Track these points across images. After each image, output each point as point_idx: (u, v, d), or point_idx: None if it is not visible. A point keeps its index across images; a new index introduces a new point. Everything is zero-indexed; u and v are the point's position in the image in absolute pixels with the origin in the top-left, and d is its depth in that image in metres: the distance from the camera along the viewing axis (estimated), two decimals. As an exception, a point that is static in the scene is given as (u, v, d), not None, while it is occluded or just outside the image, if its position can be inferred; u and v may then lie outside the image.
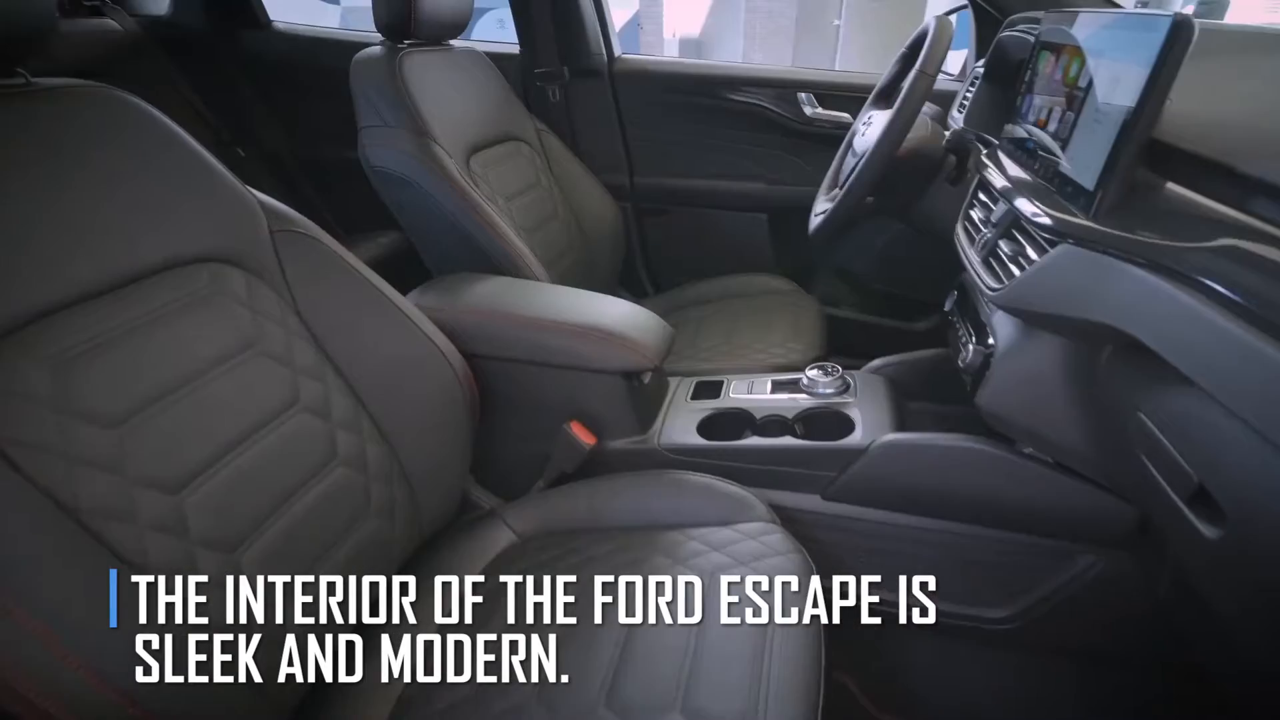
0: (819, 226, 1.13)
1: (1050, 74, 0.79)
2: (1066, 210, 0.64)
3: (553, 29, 1.59)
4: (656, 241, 1.77)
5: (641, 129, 1.68)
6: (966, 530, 0.87)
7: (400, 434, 0.85)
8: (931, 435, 0.87)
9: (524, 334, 0.96)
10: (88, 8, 1.69)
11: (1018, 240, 0.73)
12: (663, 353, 0.98)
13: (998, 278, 0.73)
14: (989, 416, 0.80)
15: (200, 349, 0.70)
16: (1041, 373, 0.72)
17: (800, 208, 1.62)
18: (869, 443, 0.89)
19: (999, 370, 0.76)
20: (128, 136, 0.70)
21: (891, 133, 0.97)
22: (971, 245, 0.84)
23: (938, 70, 0.96)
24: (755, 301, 1.52)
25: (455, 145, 1.21)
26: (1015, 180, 0.77)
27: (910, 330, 1.66)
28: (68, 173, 0.64)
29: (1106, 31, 0.67)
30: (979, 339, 0.83)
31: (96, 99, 0.70)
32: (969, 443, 0.84)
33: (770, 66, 1.61)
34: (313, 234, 0.83)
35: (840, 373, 1.03)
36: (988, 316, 0.82)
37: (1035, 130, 0.80)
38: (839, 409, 0.98)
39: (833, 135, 1.56)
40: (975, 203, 0.90)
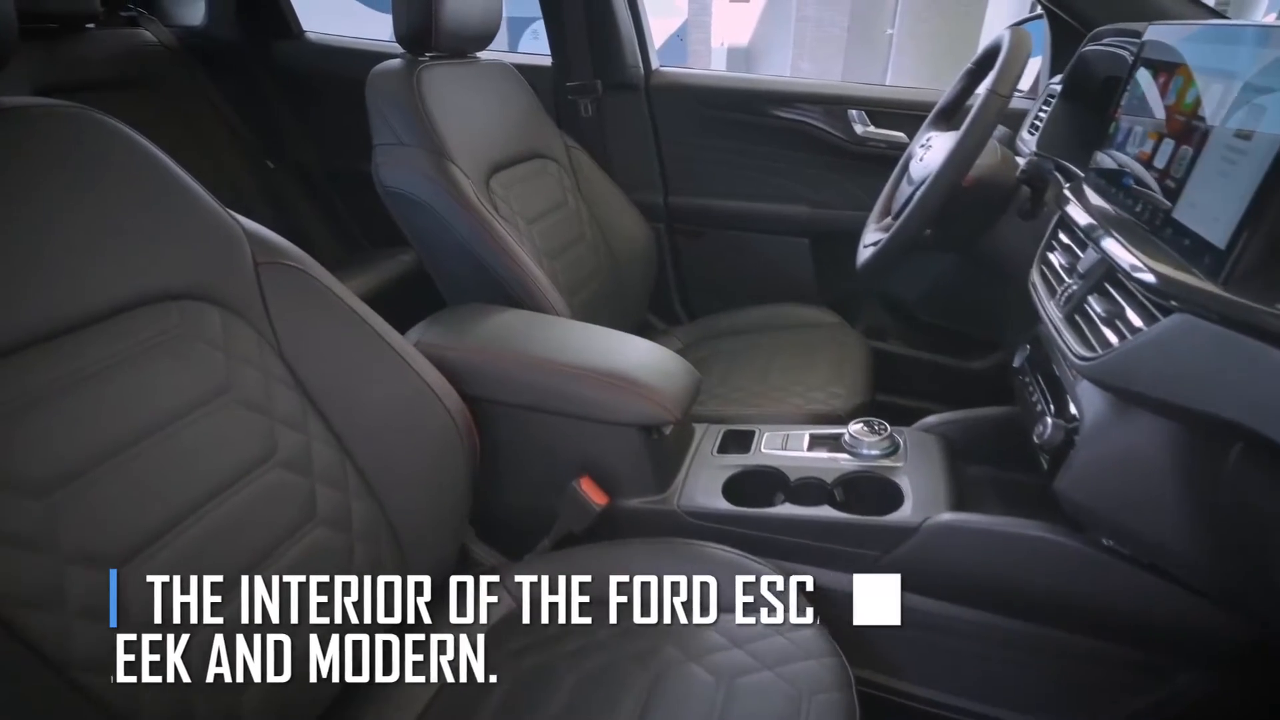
0: (868, 261, 1.01)
1: (1155, 98, 0.66)
2: (1182, 268, 0.52)
3: (586, 40, 1.50)
4: (691, 265, 1.67)
5: (678, 146, 1.58)
6: (1036, 631, 0.74)
7: (390, 488, 0.77)
8: (995, 519, 0.74)
9: (532, 378, 0.87)
10: (123, 18, 1.67)
11: (1113, 298, 0.60)
12: (686, 404, 0.88)
13: (1087, 342, 0.60)
14: (1068, 504, 0.67)
15: (161, 399, 0.62)
16: (1141, 462, 0.59)
17: (846, 233, 1.50)
18: (920, 521, 0.77)
19: (1085, 452, 0.64)
20: (95, 161, 0.63)
21: (956, 160, 0.85)
22: (1051, 297, 0.71)
23: (1013, 91, 0.83)
24: (795, 335, 1.40)
25: (474, 165, 1.13)
26: (1109, 223, 0.64)
27: (965, 369, 1.52)
28: (17, 201, 0.58)
29: (1241, 50, 0.54)
30: (1058, 410, 0.70)
31: (63, 120, 0.64)
32: (1040, 531, 0.71)
33: (818, 81, 1.50)
34: (302, 266, 0.76)
35: (888, 431, 0.90)
36: (1070, 384, 0.69)
37: (1135, 165, 0.67)
38: (886, 474, 0.86)
39: (885, 156, 1.43)
40: (1055, 245, 0.77)
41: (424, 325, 0.97)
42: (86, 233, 0.60)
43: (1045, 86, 1.18)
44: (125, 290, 0.62)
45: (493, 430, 0.90)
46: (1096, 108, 0.98)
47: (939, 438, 0.93)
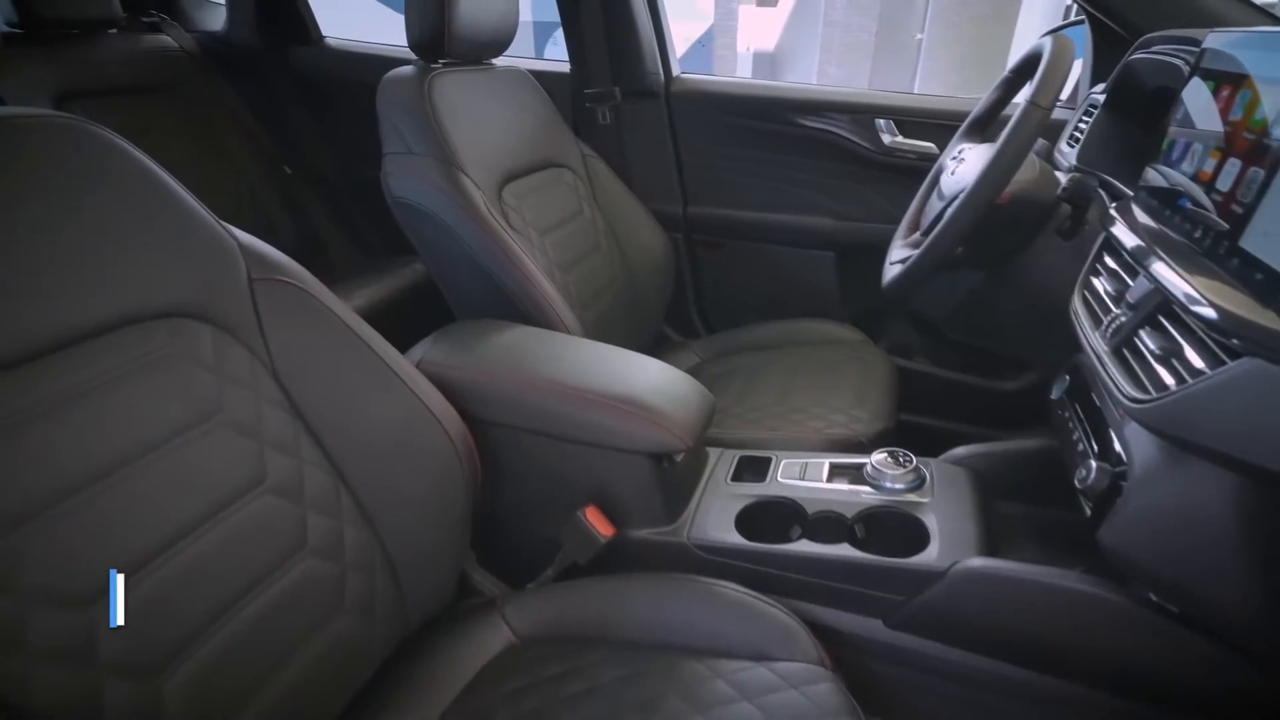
0: (895, 279, 0.96)
1: (1216, 112, 0.60)
2: (1252, 305, 0.46)
3: (605, 46, 1.46)
4: (710, 277, 1.62)
5: (698, 154, 1.54)
6: (1067, 689, 0.68)
7: (385, 514, 0.74)
8: (1029, 568, 0.68)
9: (537, 401, 0.83)
10: (145, 24, 1.68)
11: (1169, 334, 0.54)
12: (699, 431, 0.83)
13: (1138, 381, 0.55)
14: (1113, 557, 0.61)
15: (142, 424, 0.59)
16: (1199, 515, 0.53)
17: (872, 247, 1.44)
18: (948, 565, 0.72)
19: (1135, 502, 0.58)
20: (86, 173, 0.61)
21: (992, 175, 0.79)
22: (1096, 327, 0.65)
23: (1054, 103, 0.77)
24: (816, 352, 1.35)
25: (486, 175, 1.10)
26: (1163, 248, 0.58)
27: (995, 390, 1.45)
28: (1, 213, 0.55)
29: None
30: (1103, 452, 0.64)
31: (56, 131, 0.61)
32: (1080, 584, 0.65)
33: (844, 88, 1.44)
34: (299, 282, 0.73)
35: (913, 463, 0.85)
36: (1117, 424, 0.63)
37: (1193, 185, 0.61)
38: (910, 511, 0.81)
39: (914, 168, 1.37)
40: (1100, 269, 0.71)
41: (429, 342, 0.93)
42: (73, 248, 0.58)
43: (1086, 96, 1.11)
44: (111, 308, 0.59)
45: (496, 454, 0.86)
46: (1144, 120, 0.92)
47: (968, 471, 0.87)
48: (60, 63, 1.44)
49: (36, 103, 1.38)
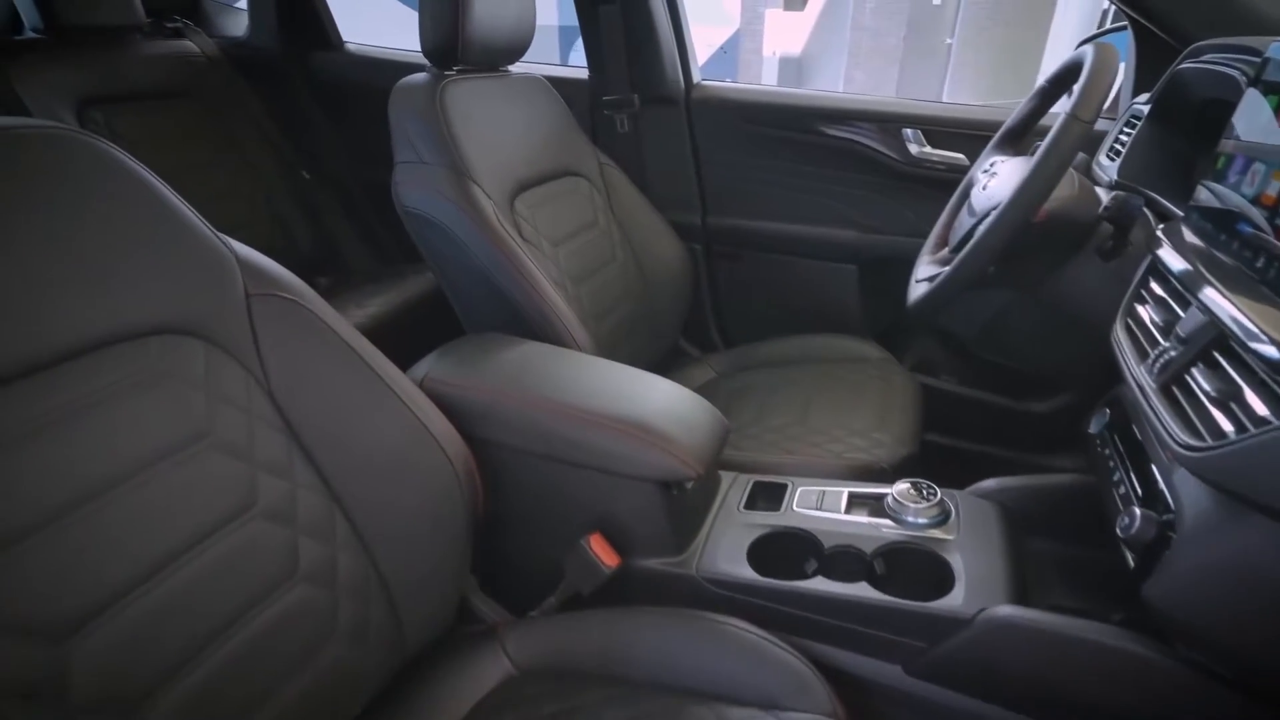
0: (921, 299, 0.91)
1: None
2: None
3: (624, 52, 1.43)
4: (728, 289, 1.58)
5: (718, 164, 1.50)
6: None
7: (381, 539, 0.71)
8: (1065, 621, 0.63)
9: (542, 422, 0.79)
10: (169, 29, 1.69)
11: (1226, 374, 0.49)
12: (711, 458, 0.79)
13: (1191, 426, 0.50)
14: (1160, 615, 0.56)
15: (130, 446, 0.57)
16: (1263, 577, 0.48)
17: (896, 260, 1.39)
18: (974, 612, 0.67)
19: (1185, 556, 0.53)
20: (80, 185, 0.59)
21: (1028, 192, 0.74)
22: (1141, 360, 0.60)
23: (1096, 117, 0.72)
24: (838, 369, 1.30)
25: (498, 185, 1.07)
26: (1218, 276, 0.53)
27: (1025, 412, 1.39)
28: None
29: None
30: (1147, 497, 0.59)
31: (47, 142, 0.59)
32: (1122, 642, 0.60)
33: (870, 97, 1.39)
34: (298, 297, 0.70)
35: (938, 497, 0.80)
36: (1165, 469, 0.58)
37: (1252, 209, 0.56)
38: (934, 548, 0.76)
39: (942, 179, 1.32)
40: (1146, 296, 0.66)
41: (434, 357, 0.91)
42: (62, 262, 0.56)
43: (1128, 106, 1.06)
44: (99, 325, 0.57)
45: (499, 476, 0.83)
46: (1193, 134, 0.86)
47: (996, 506, 0.82)
48: (82, 68, 1.45)
49: (59, 108, 1.39)
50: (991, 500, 0.83)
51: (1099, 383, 1.20)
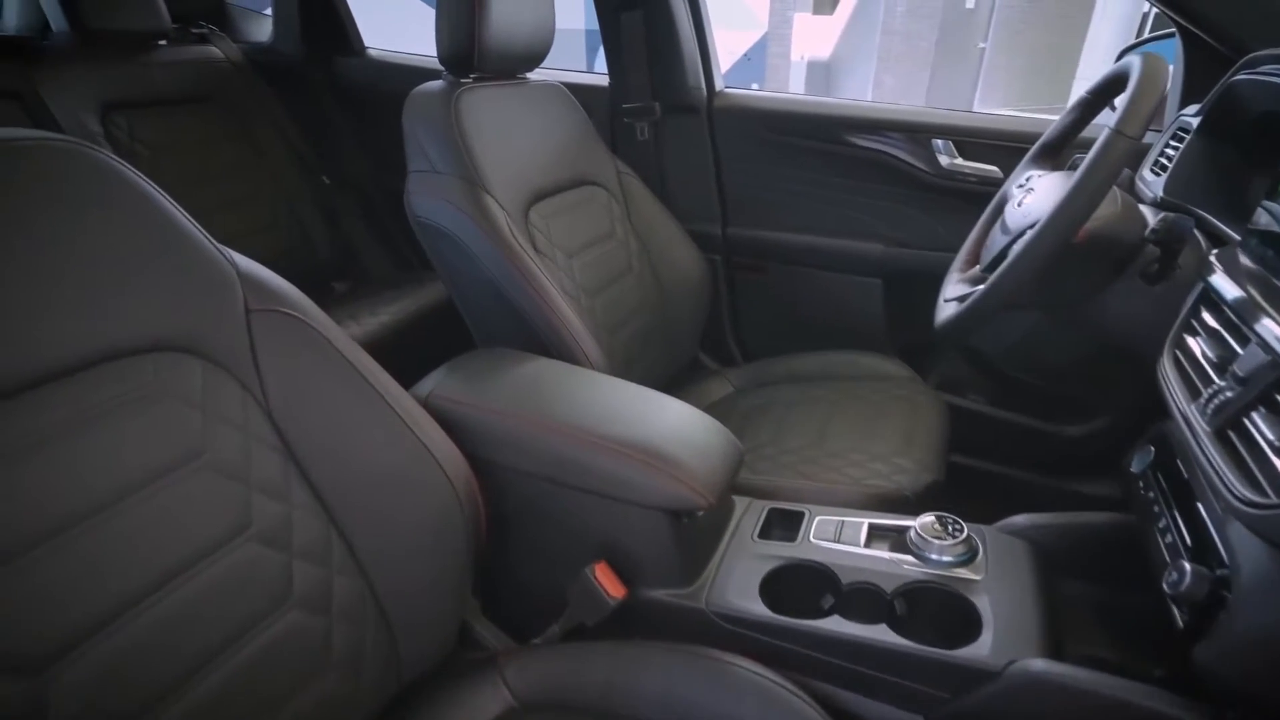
0: (950, 320, 0.87)
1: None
2: None
3: (646, 59, 1.40)
4: (748, 302, 1.54)
5: (740, 173, 1.46)
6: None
7: (380, 561, 0.69)
8: (1103, 678, 0.58)
9: (547, 445, 0.76)
10: (195, 35, 1.70)
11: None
12: (723, 487, 0.75)
13: (1250, 477, 0.45)
14: (1212, 679, 0.51)
15: (121, 467, 0.56)
16: None
17: (924, 276, 1.34)
18: (1004, 665, 0.62)
19: (1243, 620, 0.48)
20: (78, 198, 0.58)
21: (1068, 212, 0.70)
22: (1193, 399, 0.55)
23: (1143, 133, 0.67)
24: (860, 388, 1.25)
25: (512, 195, 1.04)
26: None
27: (1057, 435, 1.33)
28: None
29: None
30: (1199, 552, 0.54)
31: (46, 153, 0.58)
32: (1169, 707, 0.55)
33: (899, 106, 1.34)
34: (300, 313, 0.68)
35: (964, 533, 0.75)
36: (1218, 520, 0.53)
37: (1322, 237, 0.51)
38: (960, 589, 0.71)
39: (973, 192, 1.27)
40: (1197, 327, 0.61)
41: (441, 372, 0.88)
42: (59, 278, 0.55)
43: (1175, 117, 1.00)
44: (94, 342, 0.56)
45: (503, 498, 0.81)
46: (1248, 150, 0.81)
47: (1027, 544, 0.77)
48: (107, 73, 1.46)
49: (82, 112, 1.40)
50: (1022, 538, 0.78)
51: (1138, 407, 1.15)
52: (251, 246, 1.68)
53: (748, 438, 1.15)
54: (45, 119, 1.34)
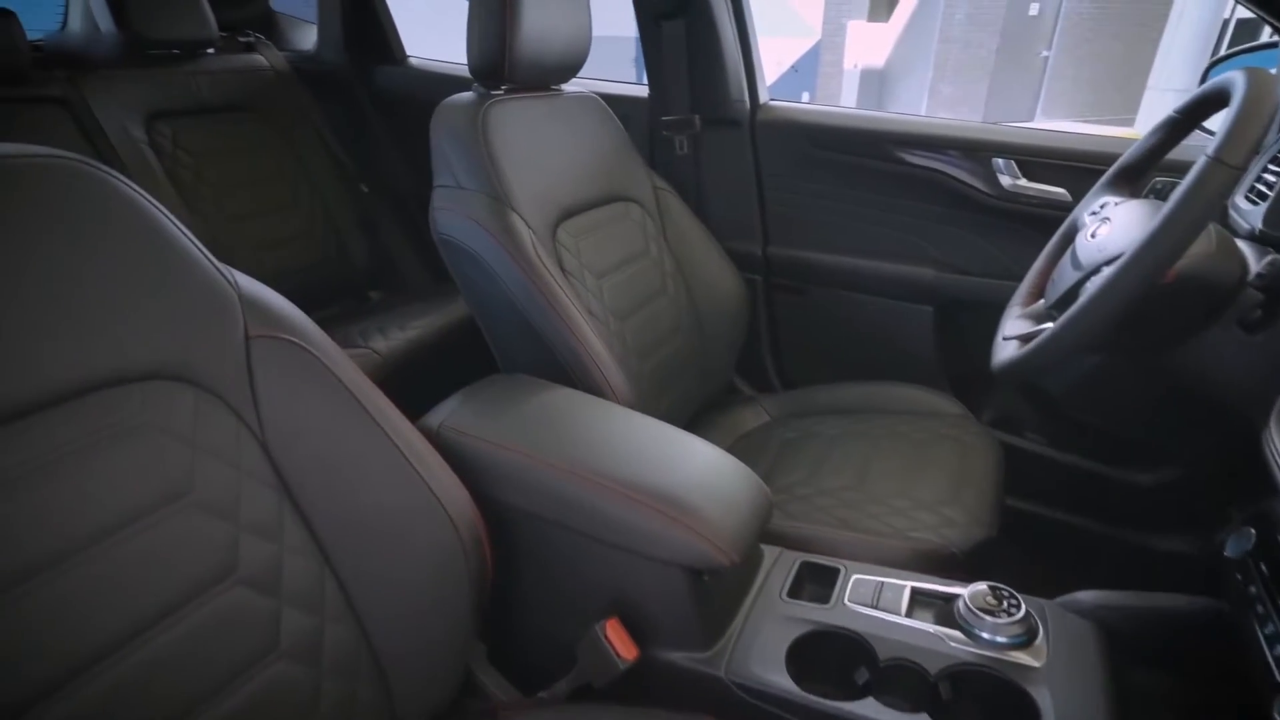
0: (1012, 362, 0.78)
1: None
2: None
3: (687, 70, 1.34)
4: (789, 326, 1.46)
5: (783, 190, 1.39)
6: None
7: (376, 609, 0.65)
8: None
9: (557, 487, 0.71)
10: (241, 44, 1.71)
11: None
12: (749, 544, 0.69)
13: None
14: None
15: (99, 508, 0.52)
16: None
17: (979, 305, 1.25)
18: None
19: None
20: (77, 218, 0.55)
21: (1156, 250, 0.61)
22: None
23: (1247, 162, 0.58)
24: (906, 424, 1.16)
25: (539, 212, 1.00)
26: None
27: (1126, 483, 1.21)
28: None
29: None
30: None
31: (44, 172, 0.55)
32: None
33: (957, 121, 1.25)
34: (303, 340, 0.65)
35: (1021, 610, 0.67)
36: None
37: None
38: (1015, 676, 0.63)
39: (1038, 217, 1.17)
40: None
41: (456, 400, 0.84)
42: (46, 300, 0.52)
43: (1276, 138, 0.89)
44: (80, 371, 0.53)
45: (512, 540, 0.75)
46: None
47: (1096, 627, 0.68)
48: (154, 82, 1.48)
49: (127, 120, 1.42)
50: (1089, 618, 0.69)
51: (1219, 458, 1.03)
52: (288, 254, 1.68)
53: (781, 474, 1.07)
54: (91, 126, 1.36)
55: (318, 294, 1.67)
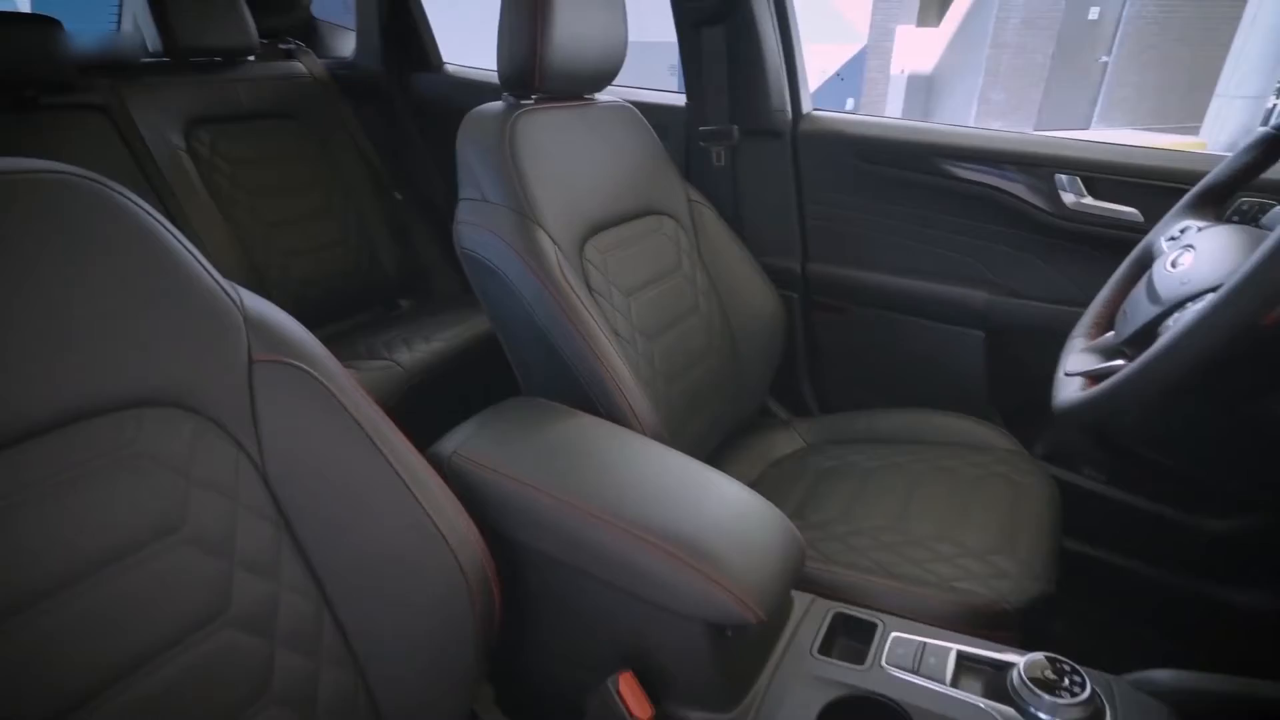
0: (1078, 403, 0.71)
1: None
2: None
3: (726, 78, 1.29)
4: (828, 347, 1.39)
5: (825, 204, 1.32)
6: None
7: (375, 655, 0.62)
8: None
9: (571, 527, 0.66)
10: (282, 51, 1.72)
11: None
12: (778, 599, 0.63)
13: None
14: None
15: (84, 543, 0.50)
16: None
17: (1035, 331, 1.16)
18: None
19: None
20: (68, 236, 0.53)
21: (1257, 289, 0.53)
22: None
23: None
24: (953, 457, 1.08)
25: (566, 228, 0.96)
26: None
27: (1196, 529, 1.11)
28: None
29: None
30: None
31: (43, 187, 0.53)
32: None
33: (1015, 134, 1.17)
34: (310, 366, 0.61)
35: (1087, 690, 0.59)
36: None
37: None
38: (1078, 766, 0.55)
39: (1105, 238, 1.08)
40: None
41: (471, 426, 0.80)
42: (41, 324, 0.50)
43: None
44: (71, 397, 0.50)
45: (523, 579, 0.71)
46: None
47: (1173, 713, 0.60)
48: (194, 89, 1.49)
49: (167, 126, 1.43)
50: (1166, 701, 0.61)
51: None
52: (320, 261, 1.67)
53: (814, 509, 1.01)
54: (130, 132, 1.37)
55: (347, 302, 1.67)
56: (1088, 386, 0.74)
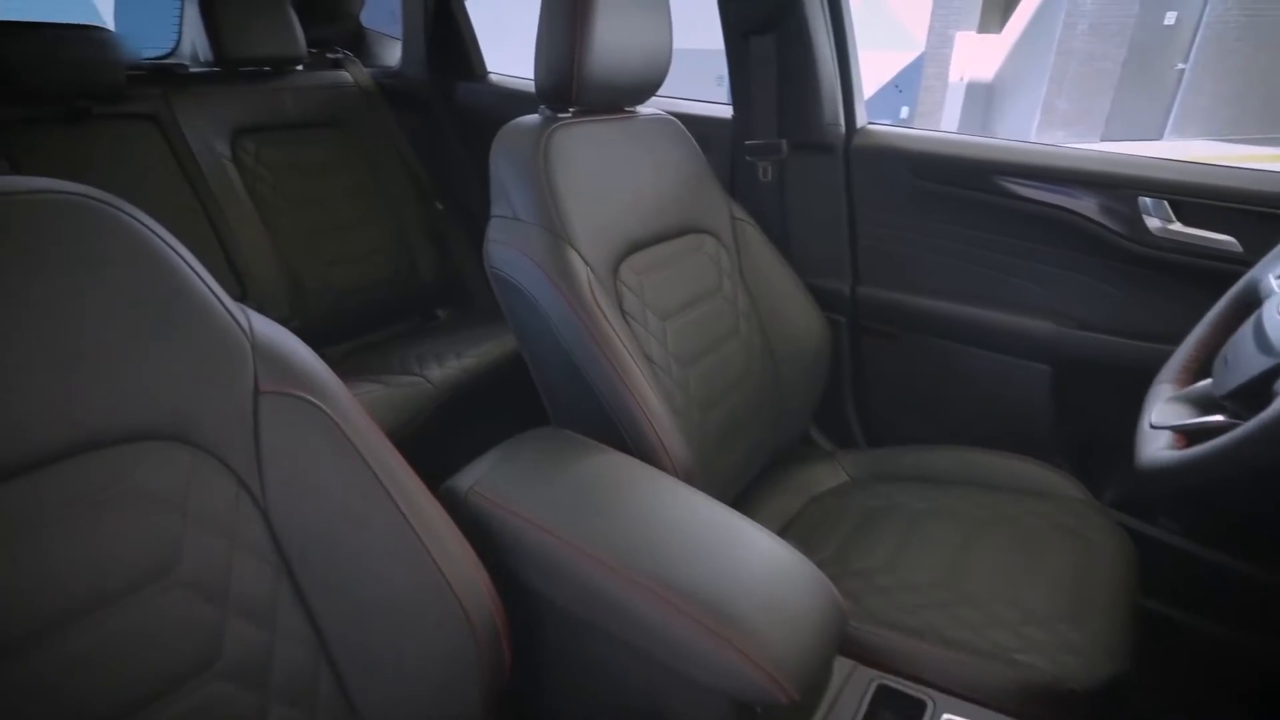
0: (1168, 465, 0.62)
1: None
2: None
3: (776, 90, 1.23)
4: (877, 376, 1.31)
5: (878, 224, 1.24)
6: None
7: (375, 704, 0.58)
8: None
9: (586, 578, 0.61)
10: (330, 60, 1.73)
11: None
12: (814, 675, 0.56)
13: None
14: None
15: (70, 586, 0.48)
16: None
17: (1109, 369, 1.06)
18: None
19: None
20: (72, 259, 0.50)
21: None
22: None
23: None
24: (1013, 504, 0.99)
25: (601, 248, 0.91)
26: None
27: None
28: None
29: None
30: None
31: (50, 208, 0.51)
32: None
33: (1092, 151, 1.08)
34: (318, 399, 0.58)
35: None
36: None
37: None
38: None
39: (1195, 269, 0.98)
40: None
41: (492, 458, 0.76)
42: (38, 354, 0.48)
43: None
44: (68, 430, 0.48)
45: (536, 629, 0.66)
46: None
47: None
48: (241, 98, 1.50)
49: (213, 135, 1.44)
50: None
51: None
52: (359, 270, 1.66)
53: (857, 554, 0.93)
54: (178, 141, 1.39)
55: (385, 311, 1.66)
56: (1178, 443, 0.66)
